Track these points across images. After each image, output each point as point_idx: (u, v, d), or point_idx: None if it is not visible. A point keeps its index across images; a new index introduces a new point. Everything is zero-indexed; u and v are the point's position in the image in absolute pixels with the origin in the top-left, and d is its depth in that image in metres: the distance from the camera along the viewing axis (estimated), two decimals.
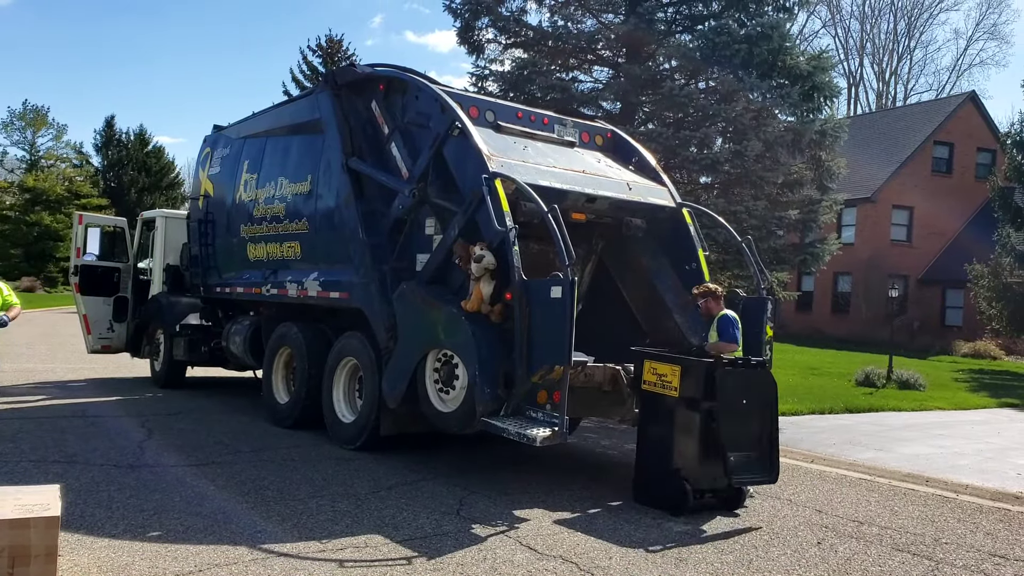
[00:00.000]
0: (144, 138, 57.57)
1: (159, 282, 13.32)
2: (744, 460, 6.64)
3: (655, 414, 6.84)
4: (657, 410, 6.79)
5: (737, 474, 6.55)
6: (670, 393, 6.65)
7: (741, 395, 6.66)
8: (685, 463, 6.59)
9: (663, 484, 6.66)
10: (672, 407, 6.65)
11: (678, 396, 6.60)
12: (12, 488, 4.84)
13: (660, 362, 6.81)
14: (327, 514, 6.08)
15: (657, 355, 6.96)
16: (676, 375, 6.64)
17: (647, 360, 6.91)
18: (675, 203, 8.69)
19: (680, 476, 6.55)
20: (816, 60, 13.05)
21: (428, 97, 8.12)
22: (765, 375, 6.96)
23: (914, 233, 34.59)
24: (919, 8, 58.97)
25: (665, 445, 6.69)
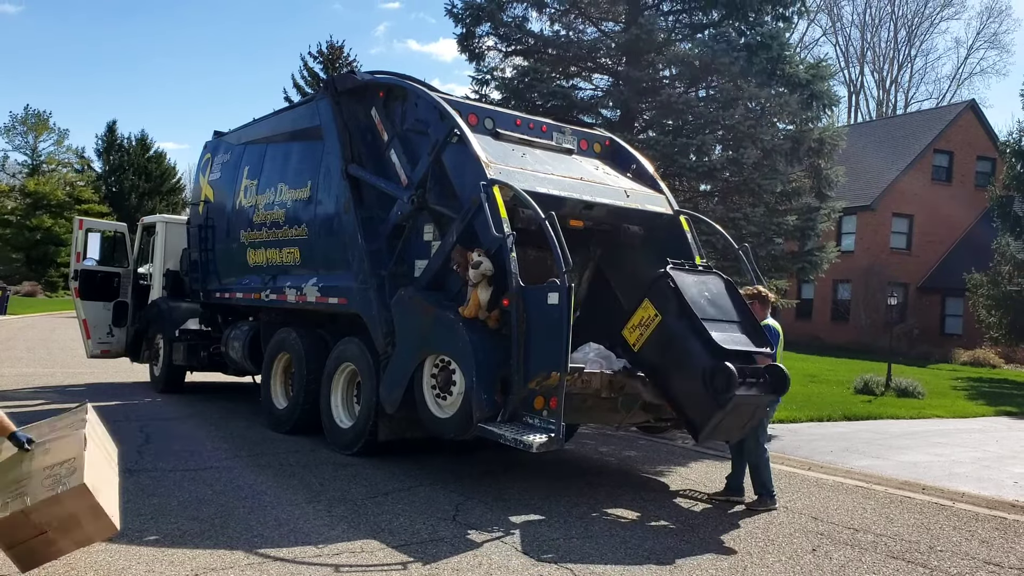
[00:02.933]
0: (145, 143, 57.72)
1: (159, 287, 13.37)
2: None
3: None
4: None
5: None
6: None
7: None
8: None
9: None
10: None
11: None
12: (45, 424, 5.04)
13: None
14: (324, 519, 6.10)
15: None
16: None
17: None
18: (673, 210, 8.72)
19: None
20: (815, 68, 13.07)
21: (427, 104, 8.17)
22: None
23: (914, 241, 34.64)
24: (920, 17, 59.18)
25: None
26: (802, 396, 15.04)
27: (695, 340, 6.71)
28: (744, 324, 7.07)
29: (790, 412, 12.70)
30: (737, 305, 7.20)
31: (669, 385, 6.98)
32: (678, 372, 6.86)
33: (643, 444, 10.24)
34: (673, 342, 6.85)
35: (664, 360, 6.95)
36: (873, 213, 33.45)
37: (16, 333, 24.20)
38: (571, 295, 6.36)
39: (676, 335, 6.83)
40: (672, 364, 6.89)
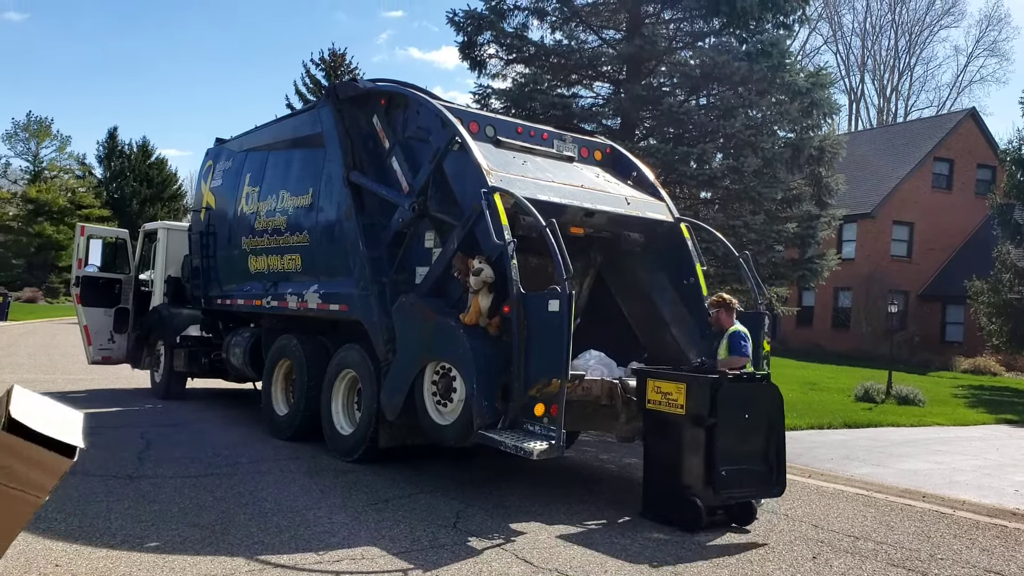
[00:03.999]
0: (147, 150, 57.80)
1: (160, 294, 13.38)
2: (745, 474, 6.60)
3: (661, 433, 6.78)
4: (663, 429, 6.74)
5: (728, 488, 6.51)
6: (676, 411, 6.59)
7: (743, 409, 6.63)
8: (694, 481, 6.53)
9: (674, 502, 6.58)
10: (679, 425, 6.58)
11: (684, 414, 6.53)
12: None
13: (664, 380, 6.75)
14: (324, 526, 6.11)
15: (660, 373, 6.90)
16: (682, 393, 6.57)
17: (650, 379, 6.85)
18: (673, 218, 8.74)
19: (691, 494, 6.48)
20: (815, 77, 13.13)
21: (429, 112, 8.19)
22: (770, 389, 6.94)
23: (914, 249, 34.65)
24: (920, 25, 59.26)
25: (674, 463, 6.65)
26: (803, 404, 15.04)
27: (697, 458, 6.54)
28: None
29: (791, 420, 12.68)
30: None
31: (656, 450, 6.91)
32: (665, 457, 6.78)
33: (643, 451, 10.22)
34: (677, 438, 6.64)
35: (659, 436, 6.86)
36: (874, 221, 33.49)
37: (17, 339, 24.22)
38: (572, 302, 6.38)
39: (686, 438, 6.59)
40: (663, 446, 6.80)
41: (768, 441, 6.78)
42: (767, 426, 6.79)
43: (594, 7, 14.70)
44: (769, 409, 6.82)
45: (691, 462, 6.56)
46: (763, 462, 6.73)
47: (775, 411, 6.86)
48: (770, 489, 6.80)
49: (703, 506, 6.45)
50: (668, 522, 6.58)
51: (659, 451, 6.84)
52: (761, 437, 6.76)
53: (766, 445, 6.77)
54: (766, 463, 6.74)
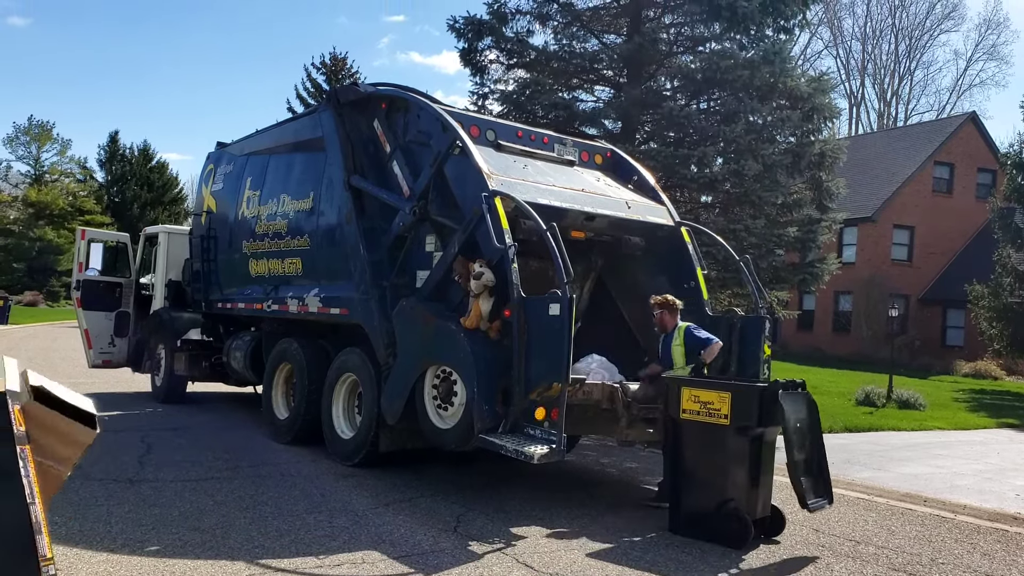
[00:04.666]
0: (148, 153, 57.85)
1: (161, 297, 13.38)
2: (808, 484, 6.50)
3: (699, 444, 6.45)
4: (702, 440, 6.42)
5: (809, 499, 6.39)
6: (719, 421, 6.31)
7: (795, 419, 6.49)
8: (739, 494, 6.30)
9: (715, 517, 6.29)
10: (723, 436, 6.31)
11: (729, 424, 6.27)
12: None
13: (703, 389, 6.47)
14: (325, 530, 6.10)
15: (698, 381, 6.67)
16: (725, 402, 6.31)
17: (685, 387, 6.53)
18: (674, 222, 8.74)
19: (736, 508, 6.24)
20: (816, 82, 13.15)
21: (429, 116, 8.20)
22: (808, 397, 6.79)
23: (915, 253, 34.65)
24: (920, 29, 59.29)
25: (715, 476, 6.38)
26: None
27: (742, 470, 6.35)
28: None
29: None
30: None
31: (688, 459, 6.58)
32: (704, 470, 6.49)
33: (644, 456, 10.22)
34: (721, 450, 6.39)
35: (696, 448, 6.52)
36: (874, 224, 33.49)
37: (18, 343, 24.21)
38: (572, 306, 6.38)
39: (729, 449, 6.35)
40: (701, 459, 6.49)
41: (812, 450, 6.69)
42: (810, 434, 6.68)
43: (595, 11, 14.72)
44: (808, 417, 6.69)
45: (736, 474, 6.33)
46: (811, 471, 6.62)
47: (813, 419, 6.76)
48: (825, 498, 6.68)
49: (750, 520, 6.26)
50: (708, 538, 6.27)
51: (695, 463, 6.50)
52: (808, 446, 6.65)
53: (809, 454, 6.65)
54: (810, 473, 6.60)
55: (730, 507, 6.27)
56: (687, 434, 6.53)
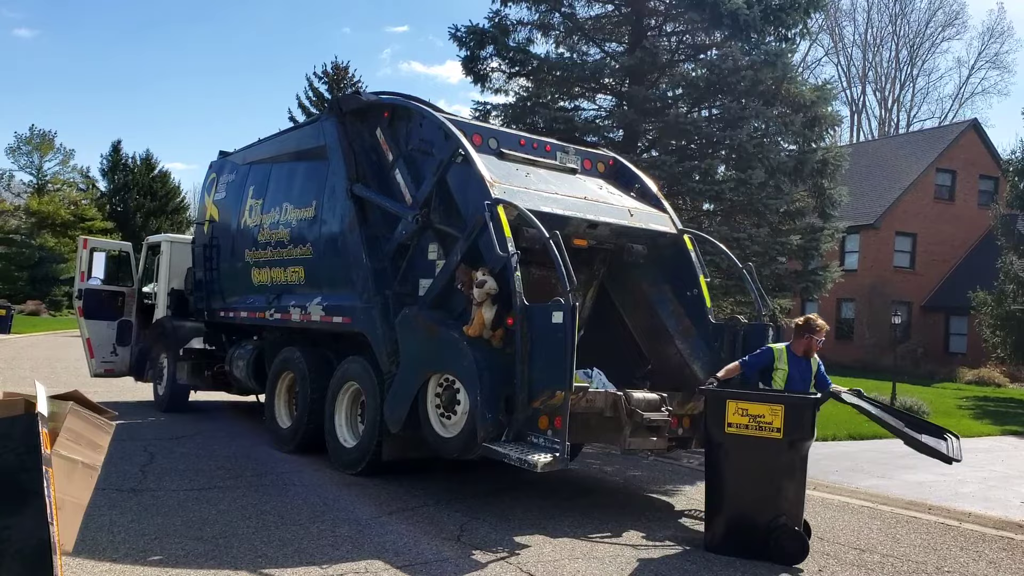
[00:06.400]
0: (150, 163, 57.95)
1: (163, 306, 13.39)
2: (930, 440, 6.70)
3: (748, 458, 6.25)
4: (751, 454, 6.23)
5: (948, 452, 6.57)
6: (771, 435, 6.15)
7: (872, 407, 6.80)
8: (789, 508, 6.19)
9: (766, 534, 6.13)
10: (776, 449, 6.17)
11: (783, 437, 6.14)
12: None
13: (752, 402, 6.27)
14: (328, 539, 6.08)
15: (746, 394, 6.44)
16: (778, 416, 6.16)
17: (731, 400, 6.32)
18: (676, 229, 8.74)
19: (788, 524, 6.15)
20: (819, 90, 13.16)
21: (432, 124, 8.22)
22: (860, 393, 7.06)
23: (917, 260, 34.62)
24: (921, 37, 59.36)
25: (766, 492, 6.23)
26: None
27: (793, 484, 6.26)
28: None
29: None
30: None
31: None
32: (753, 485, 6.30)
33: (648, 464, 10.21)
34: (772, 462, 6.23)
35: (744, 463, 6.31)
36: (876, 232, 33.48)
37: (20, 352, 24.21)
38: (575, 314, 6.37)
39: (782, 462, 6.24)
40: (750, 474, 6.30)
41: (901, 417, 7.07)
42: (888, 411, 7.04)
43: (597, 20, 14.74)
44: (871, 403, 7.03)
45: (787, 488, 6.21)
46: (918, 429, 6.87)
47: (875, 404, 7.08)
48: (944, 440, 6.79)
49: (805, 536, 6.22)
50: (759, 556, 6.10)
51: (742, 479, 6.30)
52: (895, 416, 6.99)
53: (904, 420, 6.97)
54: (919, 428, 6.89)
55: (781, 522, 6.15)
56: (733, 449, 6.29)
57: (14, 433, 3.32)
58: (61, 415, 3.69)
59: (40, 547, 3.17)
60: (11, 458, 3.27)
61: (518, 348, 6.61)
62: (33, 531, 3.17)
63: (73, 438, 3.76)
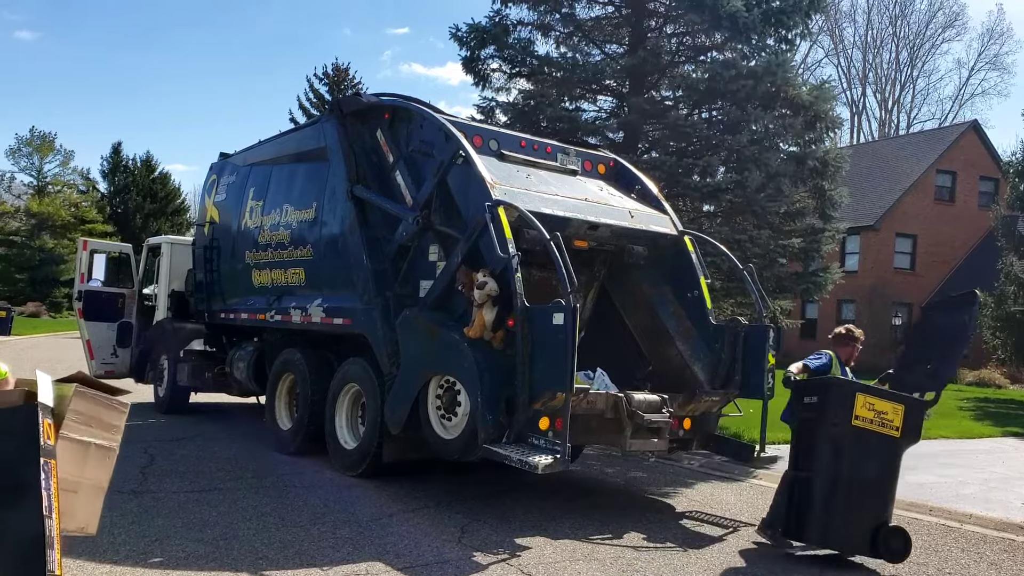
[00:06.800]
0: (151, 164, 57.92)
1: (164, 308, 13.39)
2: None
3: (867, 454, 6.24)
4: (870, 450, 6.23)
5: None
6: (890, 432, 6.21)
7: None
8: (890, 506, 6.33)
9: (872, 531, 6.15)
10: (894, 447, 6.28)
11: (900, 436, 6.25)
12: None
13: (878, 398, 6.28)
14: (329, 541, 6.08)
15: (874, 390, 6.44)
16: (899, 414, 6.22)
17: (860, 393, 6.27)
18: (677, 231, 8.74)
19: (890, 524, 6.26)
20: (818, 91, 13.14)
21: (432, 126, 8.21)
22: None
23: (917, 261, 34.63)
24: (921, 38, 59.38)
25: (878, 488, 6.30)
26: None
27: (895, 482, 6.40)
28: None
29: None
30: None
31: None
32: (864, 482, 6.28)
33: (649, 465, 10.20)
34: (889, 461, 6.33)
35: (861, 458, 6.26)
36: (876, 233, 33.48)
37: (21, 353, 24.20)
38: (576, 315, 6.36)
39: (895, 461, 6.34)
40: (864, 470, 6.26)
41: None
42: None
43: (597, 21, 14.73)
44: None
45: (893, 487, 6.35)
46: None
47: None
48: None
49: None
50: (863, 552, 6.18)
51: (858, 473, 6.24)
52: None
53: None
54: None
55: (886, 519, 6.26)
56: (855, 442, 6.23)
57: (14, 425, 3.31)
58: (66, 399, 3.67)
59: (35, 542, 3.16)
60: (11, 450, 3.25)
61: (519, 349, 6.60)
62: (29, 525, 3.17)
63: (82, 420, 3.75)
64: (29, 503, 3.20)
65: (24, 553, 3.16)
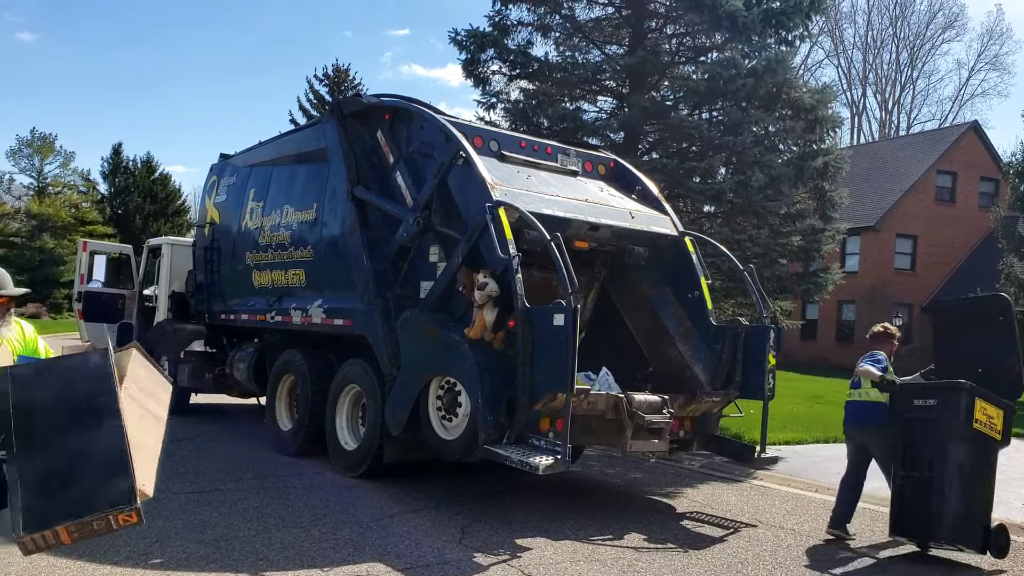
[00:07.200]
0: (151, 166, 57.87)
1: (164, 309, 13.38)
2: None
3: (978, 456, 6.53)
4: (980, 452, 6.54)
5: None
6: (994, 435, 6.52)
7: None
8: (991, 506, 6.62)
9: (986, 529, 6.47)
10: (995, 450, 6.60)
11: (1000, 440, 6.56)
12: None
13: (989, 403, 6.53)
14: (329, 542, 6.08)
15: (987, 394, 6.58)
16: (1000, 418, 6.54)
17: (979, 399, 6.49)
18: (677, 231, 8.74)
19: (991, 521, 6.54)
20: (819, 93, 13.15)
21: (433, 127, 8.21)
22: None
23: (918, 261, 34.60)
24: (921, 39, 59.34)
25: (986, 488, 6.59)
26: (808, 417, 14.97)
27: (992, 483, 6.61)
28: None
29: (796, 433, 12.64)
30: None
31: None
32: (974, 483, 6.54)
33: (649, 466, 10.19)
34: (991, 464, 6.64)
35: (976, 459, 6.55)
36: (877, 233, 33.46)
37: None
38: (576, 316, 6.37)
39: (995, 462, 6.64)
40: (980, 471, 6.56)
41: None
42: None
43: (597, 22, 14.73)
44: None
45: (993, 487, 6.61)
46: None
47: None
48: None
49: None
50: (977, 549, 6.42)
51: (971, 475, 6.51)
52: None
53: None
54: None
55: (990, 516, 6.51)
56: (973, 446, 6.49)
57: (88, 365, 3.90)
58: (124, 364, 4.13)
59: (122, 454, 3.72)
60: (87, 385, 3.82)
61: (519, 350, 6.60)
62: (115, 441, 3.72)
63: (138, 385, 4.24)
64: (112, 424, 3.76)
65: (114, 463, 3.69)
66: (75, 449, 3.71)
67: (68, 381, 3.85)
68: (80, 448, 3.71)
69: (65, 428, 3.73)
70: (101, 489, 3.65)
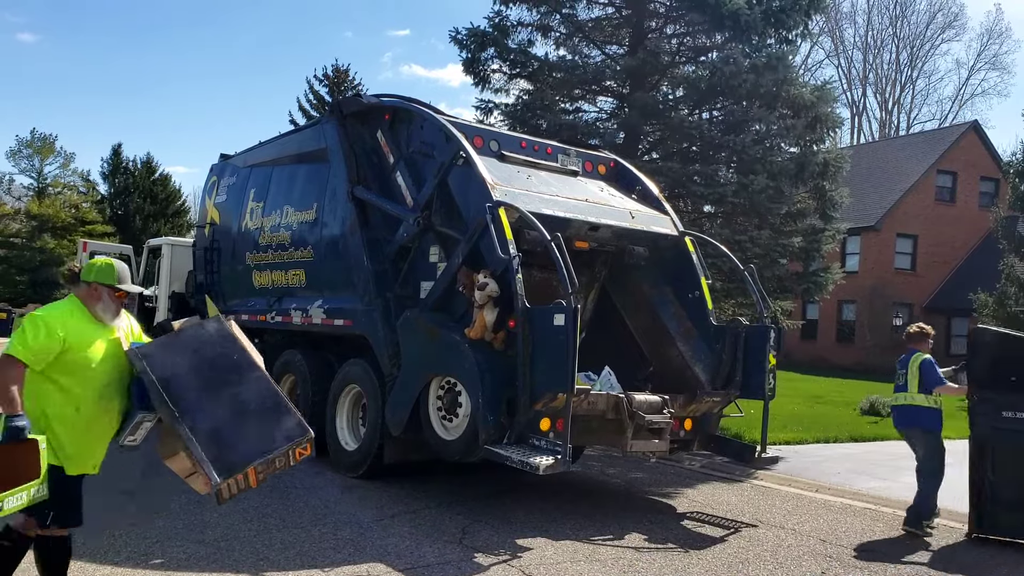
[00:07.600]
0: (151, 166, 57.82)
1: (164, 309, 13.38)
2: None
3: None
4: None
5: None
6: None
7: None
8: None
9: None
10: None
11: None
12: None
13: None
14: (330, 542, 6.08)
15: None
16: None
17: None
18: (678, 231, 8.73)
19: None
20: (819, 92, 13.15)
21: (433, 127, 8.21)
22: None
23: (918, 261, 34.59)
24: (921, 39, 59.32)
25: None
26: (808, 417, 14.97)
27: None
28: None
29: (796, 433, 12.64)
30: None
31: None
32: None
33: (650, 466, 10.19)
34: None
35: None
36: (877, 233, 33.44)
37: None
38: (577, 316, 6.36)
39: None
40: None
41: None
42: None
43: (597, 22, 14.73)
44: None
45: None
46: None
47: None
48: None
49: None
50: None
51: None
52: None
53: None
54: None
55: None
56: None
57: (208, 331, 4.36)
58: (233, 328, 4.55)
59: (276, 396, 4.20)
60: (215, 348, 4.27)
61: (520, 350, 6.60)
62: (265, 388, 4.20)
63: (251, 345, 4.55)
64: (255, 375, 4.24)
65: (275, 405, 4.14)
66: (230, 402, 4.12)
67: (196, 348, 4.23)
68: (235, 401, 4.13)
69: (214, 387, 4.13)
70: (274, 429, 4.08)
